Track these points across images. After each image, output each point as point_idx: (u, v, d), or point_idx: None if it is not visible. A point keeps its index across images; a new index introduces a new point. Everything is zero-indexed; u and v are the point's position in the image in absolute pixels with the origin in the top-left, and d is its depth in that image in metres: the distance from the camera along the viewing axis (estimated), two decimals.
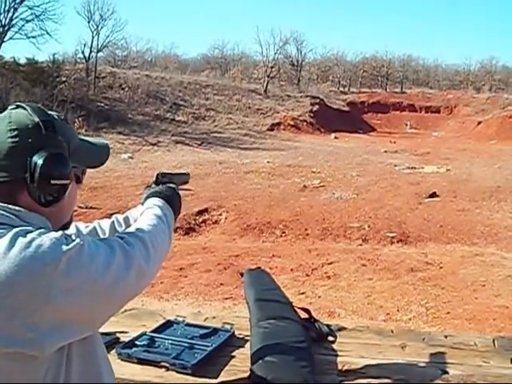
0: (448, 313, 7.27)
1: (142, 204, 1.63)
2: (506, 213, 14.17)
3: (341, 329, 2.16)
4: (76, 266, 1.15)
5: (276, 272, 9.06)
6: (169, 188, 1.68)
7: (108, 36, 39.23)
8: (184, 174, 1.94)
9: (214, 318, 2.29)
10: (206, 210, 13.82)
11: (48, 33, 32.84)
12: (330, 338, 2.05)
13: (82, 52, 37.38)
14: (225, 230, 12.70)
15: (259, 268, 2.64)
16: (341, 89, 57.04)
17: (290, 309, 2.11)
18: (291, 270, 9.35)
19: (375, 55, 64.61)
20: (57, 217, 1.33)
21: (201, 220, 13.31)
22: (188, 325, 2.17)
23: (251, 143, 31.15)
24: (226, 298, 7.82)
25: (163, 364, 1.86)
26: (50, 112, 1.36)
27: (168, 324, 2.20)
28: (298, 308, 2.16)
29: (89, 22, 37.79)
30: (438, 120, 49.13)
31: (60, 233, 1.19)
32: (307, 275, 9.09)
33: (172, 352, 1.94)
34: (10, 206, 1.22)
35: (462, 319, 7.03)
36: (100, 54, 39.45)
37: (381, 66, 62.15)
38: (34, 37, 32.44)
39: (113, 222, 1.88)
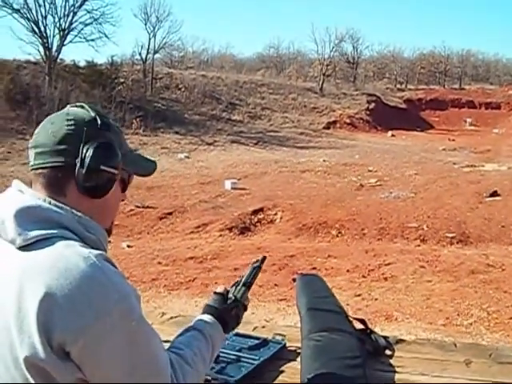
0: (511, 318, 6.97)
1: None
2: None
3: (398, 341, 2.01)
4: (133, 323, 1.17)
5: (332, 273, 8.92)
6: (223, 303, 1.52)
7: (164, 37, 39.77)
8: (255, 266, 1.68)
9: (263, 327, 2.17)
10: (261, 210, 13.76)
11: (106, 35, 33.43)
12: (387, 352, 1.91)
13: (139, 54, 37.99)
14: (280, 229, 12.60)
15: (312, 274, 2.53)
16: (397, 86, 56.06)
17: (345, 319, 1.98)
18: (347, 271, 9.17)
19: (433, 51, 63.19)
20: (100, 215, 1.33)
21: (256, 219, 13.25)
22: (238, 335, 2.04)
23: (307, 142, 30.97)
24: (280, 300, 7.70)
25: (206, 377, 1.70)
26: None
27: None
28: (353, 318, 2.04)
29: (145, 24, 38.40)
30: (498, 116, 47.68)
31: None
32: (364, 276, 8.88)
33: (216, 365, 1.81)
34: (73, 210, 1.24)
35: None
36: (157, 55, 40.00)
37: (439, 61, 60.76)
38: (92, 40, 33.09)
39: None
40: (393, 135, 36.68)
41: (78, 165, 1.25)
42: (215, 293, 1.54)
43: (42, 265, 1.13)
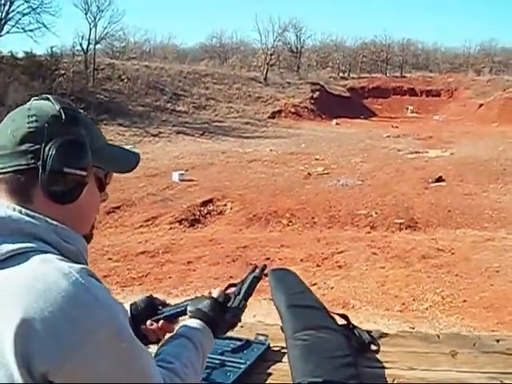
0: (464, 301, 7.11)
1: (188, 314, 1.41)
2: None
3: (382, 335, 1.97)
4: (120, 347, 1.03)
5: (286, 263, 8.91)
6: (221, 314, 1.41)
7: (106, 27, 39.23)
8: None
9: (241, 326, 2.08)
10: (210, 201, 13.66)
11: (45, 26, 32.69)
12: (373, 347, 1.86)
13: (80, 44, 37.15)
14: (230, 220, 12.53)
15: (283, 268, 2.47)
16: (341, 74, 56.67)
17: (327, 315, 1.92)
18: (301, 260, 9.19)
19: (374, 40, 64.26)
20: (75, 222, 1.17)
21: (206, 211, 13.14)
22: (217, 337, 1.92)
23: (253, 132, 30.95)
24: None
25: None
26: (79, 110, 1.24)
27: None
28: (334, 313, 1.98)
29: (86, 14, 37.60)
30: (438, 103, 48.86)
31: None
32: (318, 265, 8.93)
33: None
34: (47, 218, 1.10)
35: (479, 307, 6.87)
36: (98, 45, 39.37)
37: (380, 50, 61.75)
38: (31, 30, 32.33)
39: None
40: (337, 123, 37.03)
41: (40, 168, 1.10)
42: (212, 298, 1.41)
43: (17, 285, 0.99)
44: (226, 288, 1.49)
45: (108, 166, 1.27)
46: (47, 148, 1.11)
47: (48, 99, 1.20)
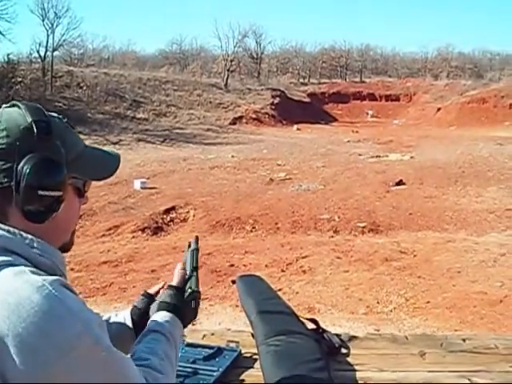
0: (428, 302, 7.21)
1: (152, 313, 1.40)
2: (472, 197, 14.27)
3: (351, 338, 1.99)
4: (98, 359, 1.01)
5: (250, 269, 8.90)
6: (182, 298, 1.41)
7: (63, 34, 38.79)
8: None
9: (212, 334, 2.08)
10: (173, 208, 13.57)
11: (1, 33, 32.10)
12: (343, 350, 1.88)
13: (38, 51, 36.63)
14: (194, 227, 12.45)
15: (252, 274, 2.46)
16: (301, 80, 57.15)
17: (297, 320, 1.93)
18: (266, 266, 9.18)
19: (333, 45, 65.24)
20: (51, 235, 1.15)
21: (168, 219, 13.04)
22: (189, 345, 1.92)
23: (214, 138, 30.91)
24: (202, 299, 7.60)
25: None
26: (52, 114, 1.20)
27: None
28: (304, 319, 1.99)
29: (43, 21, 37.16)
30: (398, 108, 49.64)
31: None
32: (282, 271, 8.93)
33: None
34: (22, 232, 1.08)
35: (442, 308, 6.98)
36: (56, 52, 38.79)
37: (339, 56, 62.51)
38: None
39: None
40: (298, 129, 37.23)
41: (14, 188, 1.07)
42: (170, 286, 1.41)
43: None
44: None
45: (85, 175, 1.24)
46: (19, 167, 1.07)
47: (18, 107, 1.16)
